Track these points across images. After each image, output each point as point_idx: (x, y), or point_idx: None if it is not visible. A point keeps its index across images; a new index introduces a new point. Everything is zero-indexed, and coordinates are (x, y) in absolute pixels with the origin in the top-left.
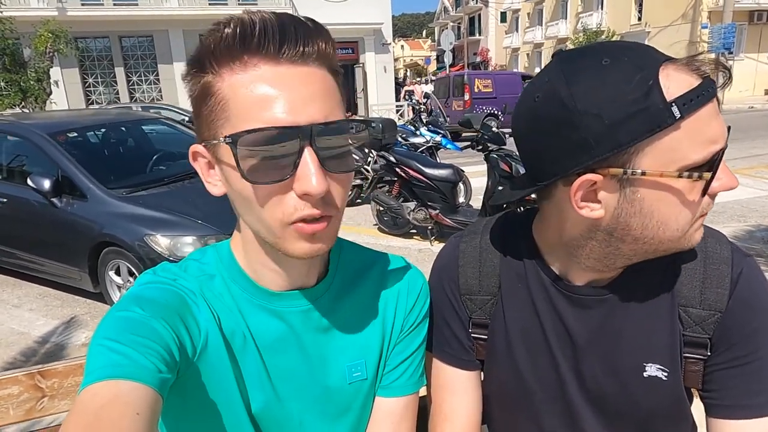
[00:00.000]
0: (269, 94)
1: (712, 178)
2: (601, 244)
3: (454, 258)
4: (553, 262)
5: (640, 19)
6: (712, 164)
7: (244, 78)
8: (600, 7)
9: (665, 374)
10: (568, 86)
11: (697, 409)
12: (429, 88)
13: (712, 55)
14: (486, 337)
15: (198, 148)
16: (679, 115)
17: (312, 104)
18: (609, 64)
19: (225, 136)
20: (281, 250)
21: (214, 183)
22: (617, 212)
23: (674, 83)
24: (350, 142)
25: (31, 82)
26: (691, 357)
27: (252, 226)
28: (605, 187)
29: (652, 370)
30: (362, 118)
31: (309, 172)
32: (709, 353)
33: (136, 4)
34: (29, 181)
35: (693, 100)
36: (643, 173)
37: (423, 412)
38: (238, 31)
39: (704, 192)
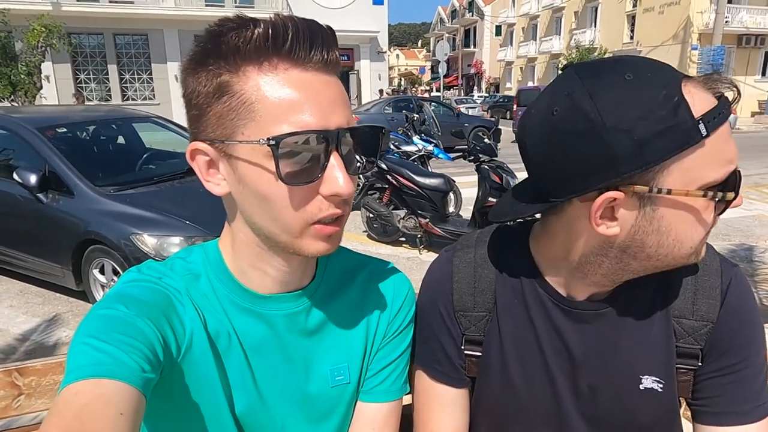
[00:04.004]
0: (299, 98)
1: (735, 197)
2: (612, 261)
3: (447, 273)
4: (553, 277)
5: (632, 38)
6: (726, 183)
7: (273, 80)
8: (593, 24)
9: (661, 386)
10: (593, 101)
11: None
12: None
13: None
14: (480, 353)
15: (199, 145)
16: (705, 133)
17: (337, 110)
18: (633, 80)
19: (269, 138)
20: (294, 248)
21: (216, 182)
22: (634, 230)
23: (698, 101)
24: (359, 145)
25: (22, 76)
26: (682, 367)
27: (262, 226)
28: (625, 204)
29: (648, 382)
30: (375, 125)
31: (338, 174)
32: (700, 363)
33: (132, 2)
34: (15, 176)
35: (716, 118)
36: (669, 192)
37: (407, 421)
38: (270, 32)
39: (722, 210)
